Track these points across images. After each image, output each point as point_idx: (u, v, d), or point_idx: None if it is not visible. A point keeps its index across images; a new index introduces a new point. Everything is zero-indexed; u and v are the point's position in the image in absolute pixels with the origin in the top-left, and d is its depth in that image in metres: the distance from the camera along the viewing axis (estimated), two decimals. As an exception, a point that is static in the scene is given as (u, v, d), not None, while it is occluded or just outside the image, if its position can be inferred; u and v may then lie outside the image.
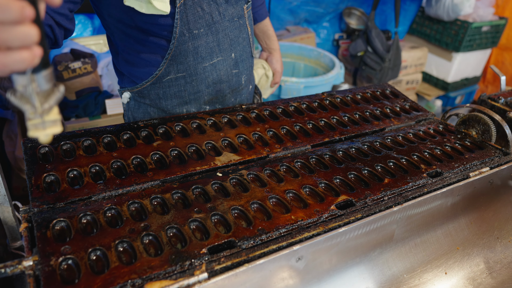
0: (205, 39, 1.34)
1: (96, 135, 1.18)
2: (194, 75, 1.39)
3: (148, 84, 1.40)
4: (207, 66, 1.39)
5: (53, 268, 0.78)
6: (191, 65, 1.36)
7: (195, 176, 1.10)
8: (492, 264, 1.19)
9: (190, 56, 1.34)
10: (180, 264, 0.82)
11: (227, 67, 1.45)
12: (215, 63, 1.40)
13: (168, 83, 1.38)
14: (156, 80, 1.38)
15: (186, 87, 1.41)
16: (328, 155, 1.26)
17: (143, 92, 1.42)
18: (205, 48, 1.36)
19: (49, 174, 1.02)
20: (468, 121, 1.51)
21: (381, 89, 1.75)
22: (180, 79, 1.38)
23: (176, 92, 1.41)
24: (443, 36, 4.49)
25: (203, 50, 1.36)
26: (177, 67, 1.35)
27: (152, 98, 1.43)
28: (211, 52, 1.38)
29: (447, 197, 1.17)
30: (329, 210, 1.02)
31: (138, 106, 1.48)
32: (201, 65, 1.38)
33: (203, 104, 1.49)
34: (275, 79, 1.85)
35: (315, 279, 0.96)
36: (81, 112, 2.39)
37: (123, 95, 1.48)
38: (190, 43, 1.32)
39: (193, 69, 1.37)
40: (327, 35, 4.51)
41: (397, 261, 1.09)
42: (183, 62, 1.35)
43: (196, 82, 1.41)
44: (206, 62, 1.38)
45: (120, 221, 0.91)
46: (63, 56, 2.50)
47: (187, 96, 1.43)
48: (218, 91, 1.47)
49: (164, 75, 1.36)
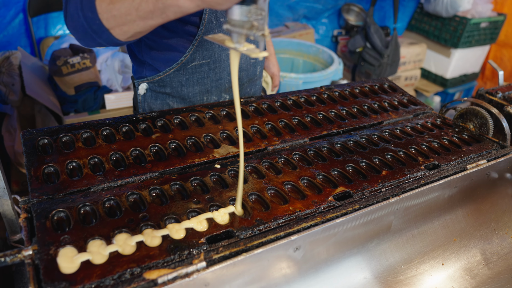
0: None
1: (95, 127, 1.18)
2: (217, 62, 1.43)
3: (172, 71, 1.41)
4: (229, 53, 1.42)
5: (52, 257, 0.78)
6: (215, 52, 1.40)
7: (194, 168, 1.10)
8: (488, 255, 1.20)
9: (215, 43, 1.37)
10: (178, 254, 0.83)
11: (246, 56, 1.49)
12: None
13: (192, 69, 1.41)
14: (181, 66, 1.40)
15: (209, 74, 1.44)
16: (326, 147, 1.26)
17: (165, 80, 1.43)
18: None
19: (48, 166, 1.02)
20: (465, 115, 1.52)
21: (379, 83, 1.76)
22: (204, 65, 1.41)
23: (199, 79, 1.44)
24: (441, 32, 4.49)
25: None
26: (202, 53, 1.39)
27: (174, 86, 1.45)
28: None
29: (444, 189, 1.17)
30: (327, 201, 1.03)
31: (155, 97, 1.49)
32: (225, 52, 1.43)
33: (223, 93, 1.52)
34: (274, 82, 1.88)
35: (313, 269, 0.96)
36: (80, 107, 2.39)
37: (140, 86, 1.48)
38: (216, 30, 1.36)
39: (217, 56, 1.41)
40: (326, 31, 4.51)
41: (395, 252, 1.10)
42: (208, 48, 1.39)
43: (219, 69, 1.45)
44: (228, 50, 1.41)
45: (119, 211, 0.92)
46: (62, 51, 2.49)
47: (209, 84, 1.47)
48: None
49: (189, 61, 1.39)
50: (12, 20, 2.82)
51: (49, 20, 3.04)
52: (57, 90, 2.43)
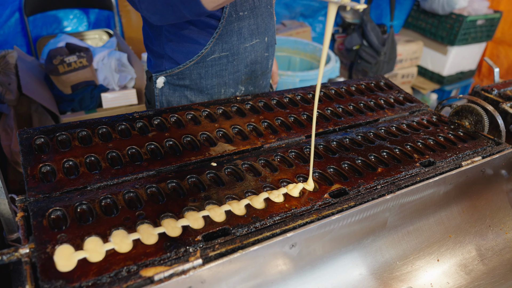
0: (247, 21, 1.44)
1: (92, 126, 1.19)
2: (236, 55, 1.47)
3: (191, 64, 1.44)
4: (247, 46, 1.48)
5: (49, 255, 0.79)
6: (234, 44, 1.44)
7: (190, 166, 1.11)
8: (483, 251, 1.21)
9: (234, 36, 1.42)
10: (175, 251, 0.83)
11: (262, 49, 1.55)
12: (253, 44, 1.50)
13: (211, 62, 1.45)
14: (201, 59, 1.43)
15: (228, 66, 1.48)
16: (322, 145, 1.27)
17: (185, 72, 1.47)
18: (247, 30, 1.45)
19: (45, 165, 1.02)
20: (461, 112, 1.53)
21: (376, 81, 1.76)
22: (223, 58, 1.45)
23: (217, 72, 1.48)
24: (438, 29, 4.50)
25: (245, 31, 1.45)
26: (222, 46, 1.43)
27: (193, 78, 1.48)
28: (251, 33, 1.47)
29: (439, 186, 1.18)
30: (323, 198, 1.03)
31: (173, 90, 1.52)
32: (243, 45, 1.47)
33: (240, 84, 1.57)
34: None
35: (309, 265, 0.97)
36: (77, 106, 2.39)
37: (158, 80, 1.50)
38: (236, 23, 1.41)
39: (235, 49, 1.46)
40: (322, 29, 4.51)
41: (390, 248, 1.11)
42: (228, 41, 1.42)
43: (236, 61, 1.49)
44: (247, 42, 1.48)
45: (115, 209, 0.92)
46: (58, 50, 2.49)
47: (227, 76, 1.51)
48: (253, 71, 1.57)
49: (209, 53, 1.43)
50: (8, 19, 2.82)
51: (45, 19, 3.03)
52: (54, 89, 2.42)
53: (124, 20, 3.25)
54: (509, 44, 4.62)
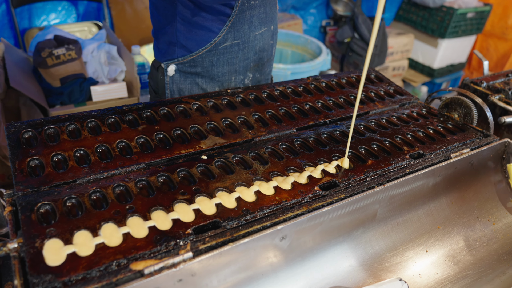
0: (258, 10, 1.49)
1: (81, 119, 1.17)
2: (246, 43, 1.52)
3: (204, 52, 1.48)
4: (257, 34, 1.54)
5: (38, 249, 0.78)
6: (245, 33, 1.50)
7: (180, 159, 1.10)
8: (471, 242, 1.23)
9: (246, 25, 1.48)
10: (165, 244, 0.83)
11: (268, 37, 1.61)
12: (262, 32, 1.56)
13: (223, 50, 1.49)
14: (213, 47, 1.47)
15: (238, 54, 1.54)
16: (312, 137, 1.27)
17: (197, 60, 1.50)
18: (257, 18, 1.51)
19: (33, 159, 1.01)
20: (450, 104, 1.54)
21: (366, 74, 1.76)
22: (235, 46, 1.50)
23: (228, 59, 1.53)
24: (429, 22, 4.52)
25: (255, 20, 1.50)
26: (234, 34, 1.47)
27: (205, 66, 1.52)
28: (260, 22, 1.53)
29: (428, 178, 1.19)
30: (313, 191, 1.04)
31: (184, 77, 1.55)
32: (253, 34, 1.52)
33: (248, 71, 1.63)
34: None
35: (299, 257, 0.98)
36: (66, 99, 2.36)
37: (169, 68, 1.52)
38: (247, 12, 1.46)
39: (246, 37, 1.51)
40: (314, 22, 4.50)
41: (380, 239, 1.12)
42: (239, 29, 1.48)
43: (247, 49, 1.54)
44: (257, 31, 1.53)
45: (105, 203, 0.92)
46: (46, 43, 2.45)
47: (237, 63, 1.56)
48: (260, 59, 1.63)
49: (221, 41, 1.47)
50: (-5, 11, 2.77)
51: (33, 10, 2.98)
52: (42, 82, 2.39)
53: (113, 12, 3.21)
54: (498, 37, 4.65)
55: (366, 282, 1.03)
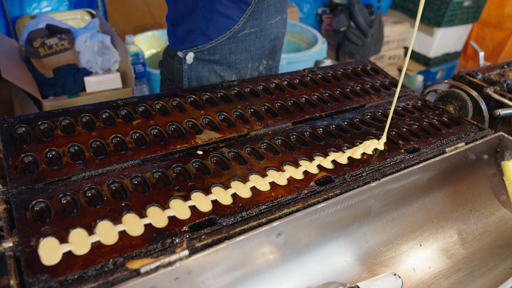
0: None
1: (74, 114, 1.16)
2: (263, 31, 1.57)
3: (223, 39, 1.51)
4: (273, 23, 1.58)
5: (34, 248, 0.78)
6: (263, 21, 1.54)
7: (176, 154, 1.10)
8: (465, 235, 1.24)
9: (263, 13, 1.52)
10: (161, 242, 0.83)
11: (281, 26, 1.66)
12: (277, 21, 1.61)
13: (242, 37, 1.53)
14: (233, 34, 1.51)
15: (256, 42, 1.58)
16: (308, 132, 1.27)
17: (216, 47, 1.53)
18: (274, 7, 1.56)
19: (27, 155, 1.00)
20: (446, 97, 1.54)
21: (362, 65, 1.76)
22: (252, 34, 1.55)
23: (246, 47, 1.57)
24: (425, 11, 4.49)
25: (272, 9, 1.55)
26: (252, 22, 1.52)
27: (223, 53, 1.56)
28: (276, 11, 1.58)
29: (423, 172, 1.20)
30: (309, 186, 1.04)
31: (202, 65, 1.58)
32: (269, 22, 1.57)
33: (263, 59, 1.67)
34: None
35: (295, 253, 0.98)
36: (59, 90, 2.33)
37: (188, 56, 1.55)
38: (265, 1, 1.51)
39: (263, 25, 1.55)
40: (310, 10, 4.46)
41: (374, 234, 1.13)
42: (258, 18, 1.52)
43: (263, 37, 1.59)
44: (273, 19, 1.58)
45: (100, 200, 0.92)
46: (38, 32, 2.41)
47: (254, 51, 1.60)
48: (274, 46, 1.69)
49: (240, 29, 1.51)
50: (-15, -1, 2.71)
51: (24, -2, 2.93)
52: (35, 72, 2.35)
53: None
54: (494, 25, 4.64)
55: (361, 277, 1.04)
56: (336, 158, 1.14)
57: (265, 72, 1.74)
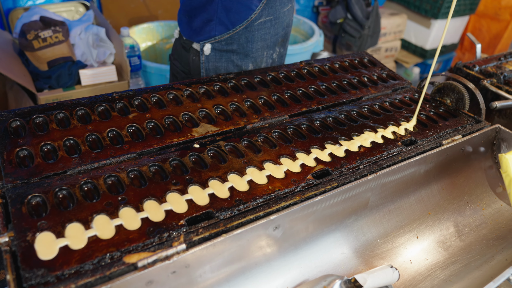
0: None
1: (70, 107, 1.15)
2: (277, 19, 1.60)
3: (241, 29, 1.54)
4: (285, 11, 1.62)
5: (30, 243, 0.78)
6: (277, 9, 1.57)
7: (172, 148, 1.09)
8: (461, 227, 1.25)
9: (277, 2, 1.55)
10: (158, 236, 0.83)
11: (291, 13, 1.70)
12: (288, 9, 1.64)
13: (258, 26, 1.56)
14: (249, 24, 1.53)
15: (270, 30, 1.61)
16: (305, 124, 1.26)
17: (234, 37, 1.56)
18: None
19: (22, 149, 0.99)
20: (443, 90, 1.54)
21: (359, 58, 1.75)
22: (267, 22, 1.57)
23: (262, 35, 1.59)
24: (422, 2, 4.47)
25: None
26: (267, 11, 1.54)
27: (241, 43, 1.58)
28: None
29: (420, 165, 1.20)
30: (306, 179, 1.04)
31: (220, 56, 1.60)
32: (282, 10, 1.60)
33: (277, 46, 1.70)
34: None
35: (292, 246, 0.98)
36: (54, 83, 2.31)
37: (205, 47, 1.58)
38: None
39: (277, 13, 1.58)
40: (306, 2, 4.43)
41: (371, 227, 1.13)
42: (272, 6, 1.55)
43: (277, 25, 1.62)
44: (285, 7, 1.61)
45: (96, 194, 0.91)
46: (32, 25, 2.38)
47: (269, 39, 1.63)
48: (285, 34, 1.73)
49: (257, 18, 1.53)
50: (-23, -9, 2.68)
51: (17, -10, 2.89)
52: (29, 65, 2.33)
53: (101, -9, 3.13)
54: (491, 17, 4.63)
55: (358, 269, 1.04)
56: (333, 151, 1.14)
57: (277, 60, 1.76)
